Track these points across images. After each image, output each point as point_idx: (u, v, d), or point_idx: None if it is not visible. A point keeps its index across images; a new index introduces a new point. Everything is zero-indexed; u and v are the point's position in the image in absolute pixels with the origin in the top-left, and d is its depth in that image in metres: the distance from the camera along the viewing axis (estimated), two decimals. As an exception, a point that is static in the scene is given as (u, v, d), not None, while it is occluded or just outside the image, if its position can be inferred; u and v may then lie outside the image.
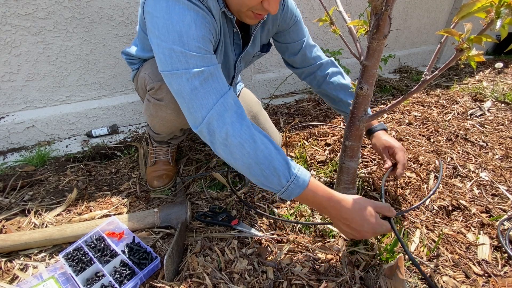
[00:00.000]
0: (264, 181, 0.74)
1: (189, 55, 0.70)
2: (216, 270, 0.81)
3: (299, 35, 1.11)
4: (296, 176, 0.73)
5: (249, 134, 0.72)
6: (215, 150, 0.76)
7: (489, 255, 0.90)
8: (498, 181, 1.24)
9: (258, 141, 0.73)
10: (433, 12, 2.98)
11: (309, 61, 1.16)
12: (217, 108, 0.72)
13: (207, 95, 0.72)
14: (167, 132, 1.13)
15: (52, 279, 0.80)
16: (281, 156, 0.74)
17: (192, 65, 0.71)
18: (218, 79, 0.74)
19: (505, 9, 0.50)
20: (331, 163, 1.30)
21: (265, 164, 0.72)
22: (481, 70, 2.96)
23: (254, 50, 1.06)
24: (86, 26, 1.45)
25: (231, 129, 0.71)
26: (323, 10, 0.88)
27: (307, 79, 1.21)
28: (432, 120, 1.77)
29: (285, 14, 1.02)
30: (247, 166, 0.73)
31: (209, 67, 0.72)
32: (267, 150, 0.73)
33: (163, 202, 1.12)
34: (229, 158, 0.74)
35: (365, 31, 0.81)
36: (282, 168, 0.73)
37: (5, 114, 1.46)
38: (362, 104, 0.83)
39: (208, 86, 0.72)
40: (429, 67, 0.69)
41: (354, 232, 0.76)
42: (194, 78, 0.71)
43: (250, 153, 0.72)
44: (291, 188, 0.73)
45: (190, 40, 0.70)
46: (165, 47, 0.71)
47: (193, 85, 0.71)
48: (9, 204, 1.08)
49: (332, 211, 0.76)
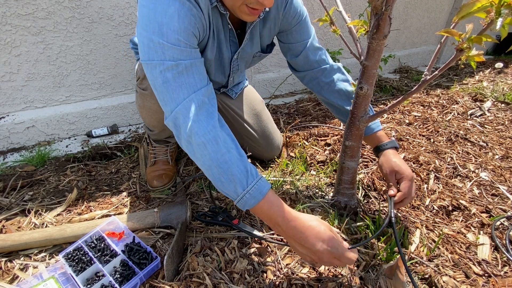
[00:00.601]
0: (221, 186, 0.72)
1: (166, 47, 0.69)
2: (216, 270, 0.81)
3: (302, 36, 1.04)
4: (253, 186, 0.70)
5: (213, 135, 0.70)
6: (180, 145, 0.76)
7: (489, 255, 0.90)
8: (498, 181, 1.24)
9: (221, 144, 0.71)
10: (433, 12, 2.98)
11: (311, 65, 1.07)
12: (186, 104, 0.71)
13: (178, 89, 0.71)
14: (157, 125, 1.12)
15: (52, 279, 0.80)
16: (242, 163, 0.71)
17: (168, 57, 0.70)
18: (194, 74, 0.73)
19: (505, 9, 0.50)
20: (331, 163, 1.30)
21: (223, 169, 0.70)
22: (481, 70, 2.96)
23: (252, 49, 1.03)
24: (86, 26, 1.45)
25: (195, 127, 0.70)
26: (323, 10, 0.88)
27: (310, 85, 1.12)
28: (432, 120, 1.77)
29: (287, 13, 0.97)
30: (207, 167, 0.72)
31: (186, 61, 0.71)
32: (228, 154, 0.71)
33: (163, 202, 1.12)
34: (192, 156, 0.74)
35: (365, 31, 0.81)
36: (240, 176, 0.70)
37: (5, 114, 1.46)
38: (362, 104, 0.83)
39: (181, 80, 0.71)
40: (429, 67, 0.69)
41: (310, 253, 0.69)
42: (168, 70, 0.70)
43: (211, 155, 0.70)
44: (246, 198, 0.70)
45: (170, 32, 0.69)
46: (145, 36, 0.70)
47: (165, 77, 0.71)
48: (9, 204, 1.09)
49: (285, 228, 0.70)
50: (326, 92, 1.08)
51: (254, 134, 1.28)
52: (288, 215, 0.70)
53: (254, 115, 1.30)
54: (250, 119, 1.29)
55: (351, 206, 1.00)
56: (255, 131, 1.28)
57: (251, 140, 1.29)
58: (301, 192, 1.12)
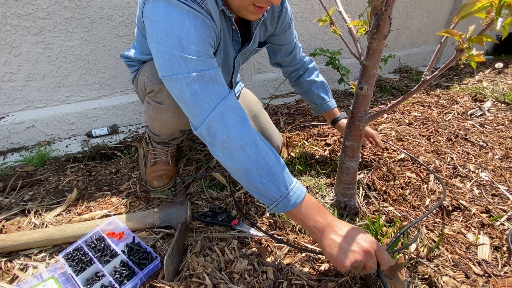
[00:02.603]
0: (261, 188, 0.71)
1: (188, 59, 0.70)
2: (216, 270, 0.81)
3: (292, 37, 1.18)
4: (295, 185, 0.72)
5: (251, 138, 0.71)
6: (213, 152, 0.75)
7: (489, 255, 0.90)
8: (498, 181, 1.24)
9: (260, 146, 0.72)
10: (433, 12, 2.98)
11: (296, 60, 1.26)
12: (219, 110, 0.71)
13: (207, 99, 0.71)
14: (167, 134, 1.13)
15: (52, 279, 0.80)
16: (281, 165, 0.73)
17: (192, 69, 0.70)
18: (218, 82, 0.74)
19: (505, 9, 0.50)
20: (331, 162, 1.30)
21: (265, 170, 0.70)
22: (481, 70, 2.96)
23: (253, 46, 1.07)
24: (86, 26, 1.45)
25: (233, 131, 0.70)
26: (323, 10, 0.88)
27: (291, 75, 1.32)
28: (432, 120, 1.77)
29: (284, 18, 1.06)
30: (245, 170, 0.71)
31: (209, 71, 0.72)
32: (268, 156, 0.72)
33: (163, 202, 1.12)
34: (228, 161, 0.73)
35: (365, 31, 0.81)
36: (282, 175, 0.71)
37: (5, 114, 1.46)
38: (362, 104, 0.83)
39: (209, 90, 0.72)
40: (429, 67, 0.69)
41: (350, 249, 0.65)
42: (194, 82, 0.70)
43: (251, 157, 0.70)
44: (289, 196, 0.70)
45: (190, 44, 0.69)
46: (164, 51, 0.70)
47: (193, 89, 0.71)
48: (9, 204, 1.08)
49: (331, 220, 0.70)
50: (300, 78, 1.29)
51: None
52: (325, 209, 0.73)
53: (252, 116, 1.31)
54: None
55: (351, 206, 1.00)
56: None
57: None
58: (301, 192, 1.12)
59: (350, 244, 0.66)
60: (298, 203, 0.71)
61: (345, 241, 0.67)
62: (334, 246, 0.67)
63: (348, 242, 0.66)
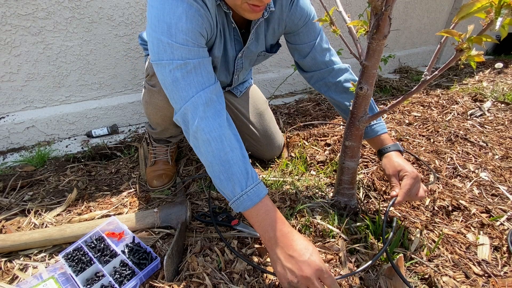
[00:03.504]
0: (219, 184, 0.74)
1: (175, 47, 0.71)
2: (216, 270, 0.81)
3: (310, 37, 1.02)
4: (251, 189, 0.71)
5: (218, 133, 0.73)
6: (188, 139, 0.78)
7: (489, 255, 0.90)
8: (498, 181, 1.24)
9: (225, 142, 0.73)
10: (433, 12, 2.98)
11: (319, 65, 1.05)
12: (194, 100, 0.73)
13: (187, 87, 0.73)
14: (160, 123, 1.12)
15: (52, 279, 0.80)
16: (244, 164, 0.73)
17: (177, 56, 0.72)
18: (202, 72, 0.75)
19: (505, 9, 0.50)
20: (331, 163, 1.30)
21: (225, 167, 0.72)
22: (481, 70, 2.96)
23: (257, 48, 1.02)
24: (86, 26, 1.45)
25: (202, 124, 0.72)
26: (323, 10, 0.88)
27: (317, 85, 1.10)
28: (432, 120, 1.77)
29: (293, 14, 0.96)
30: (209, 163, 0.74)
31: (194, 60, 0.73)
32: (231, 153, 0.72)
33: (163, 202, 1.12)
34: (197, 151, 0.76)
35: (365, 31, 0.81)
36: (240, 177, 0.71)
37: (5, 114, 1.46)
38: (362, 104, 0.83)
39: (190, 79, 0.73)
40: (429, 67, 0.69)
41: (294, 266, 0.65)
42: (177, 69, 0.72)
43: (214, 152, 0.72)
44: (242, 199, 0.71)
45: (178, 32, 0.70)
46: (154, 36, 0.72)
47: (175, 76, 0.73)
48: (9, 204, 1.08)
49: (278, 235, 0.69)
50: (334, 92, 1.07)
51: (256, 133, 1.29)
52: (283, 221, 0.71)
53: (257, 114, 1.31)
54: (253, 118, 1.30)
55: (351, 206, 1.00)
56: (257, 130, 1.29)
57: (252, 139, 1.30)
58: (301, 192, 1.12)
59: (292, 266, 0.65)
60: (248, 208, 0.71)
61: (289, 261, 0.66)
62: (277, 262, 0.68)
63: (291, 263, 0.66)
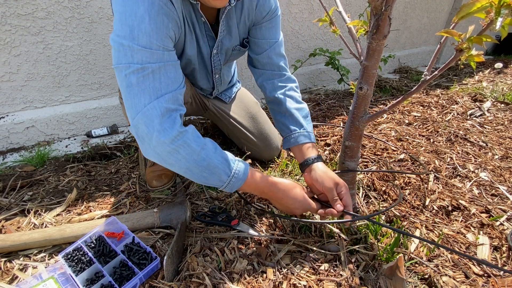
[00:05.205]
0: (205, 181, 0.77)
1: (136, 50, 0.66)
2: (216, 270, 0.81)
3: (271, 35, 1.00)
4: (235, 170, 0.77)
5: (182, 139, 0.70)
6: (146, 155, 0.73)
7: (488, 255, 0.90)
8: (497, 181, 1.24)
9: (192, 144, 0.71)
10: (433, 12, 2.98)
11: (272, 67, 1.05)
12: (147, 111, 0.67)
13: (139, 94, 0.68)
14: None
15: (51, 279, 0.79)
16: (219, 154, 0.76)
17: (136, 60, 0.67)
18: (160, 78, 0.69)
19: (505, 9, 0.50)
20: (331, 163, 1.30)
21: (204, 166, 0.73)
22: (481, 70, 2.96)
23: (231, 42, 0.99)
24: (86, 26, 1.45)
25: (162, 137, 0.67)
26: (323, 10, 0.87)
27: (265, 83, 1.08)
28: (431, 120, 1.77)
29: (263, 6, 0.94)
30: (185, 169, 0.73)
31: (155, 64, 0.68)
32: (204, 151, 0.73)
33: (163, 202, 1.12)
34: (163, 164, 0.73)
35: (365, 31, 0.81)
36: (222, 166, 0.75)
37: (4, 114, 1.45)
38: (361, 104, 0.83)
39: (145, 85, 0.68)
40: (429, 67, 0.69)
41: (286, 209, 0.87)
42: (133, 74, 0.67)
43: (186, 158, 0.71)
44: (232, 182, 0.77)
45: (141, 34, 0.66)
46: (116, 41, 0.68)
47: (129, 81, 0.67)
48: (9, 204, 1.08)
49: (270, 194, 0.85)
50: (278, 92, 1.04)
51: (251, 136, 1.28)
52: (271, 181, 0.84)
53: (250, 117, 1.30)
54: (246, 122, 1.29)
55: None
56: (252, 134, 1.28)
57: (249, 143, 1.29)
58: (301, 192, 1.12)
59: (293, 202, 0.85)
60: (240, 185, 0.79)
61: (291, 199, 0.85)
62: (282, 204, 0.86)
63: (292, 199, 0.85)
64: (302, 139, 0.96)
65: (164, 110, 0.69)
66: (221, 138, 1.55)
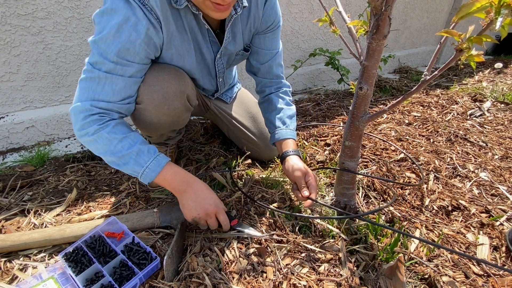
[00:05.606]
0: (120, 168, 0.83)
1: (94, 54, 0.77)
2: (216, 270, 0.81)
3: (273, 45, 1.07)
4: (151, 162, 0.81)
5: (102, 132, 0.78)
6: None
7: (488, 255, 0.90)
8: (497, 181, 1.24)
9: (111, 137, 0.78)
10: (433, 12, 2.98)
11: (272, 76, 1.13)
12: (82, 105, 0.77)
13: (83, 90, 0.79)
14: (154, 134, 1.08)
15: (51, 279, 0.79)
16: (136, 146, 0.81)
17: (92, 61, 0.78)
18: (105, 85, 0.78)
19: (505, 9, 0.50)
20: (331, 163, 1.30)
21: (118, 156, 0.80)
22: (481, 71, 2.96)
23: (235, 47, 1.01)
24: (86, 26, 1.44)
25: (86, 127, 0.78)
26: (323, 10, 0.87)
27: (262, 89, 1.17)
28: (431, 120, 1.77)
29: (267, 11, 0.97)
30: (102, 155, 0.82)
31: (102, 73, 0.77)
32: (120, 144, 0.79)
33: (162, 202, 1.12)
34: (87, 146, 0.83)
35: (365, 31, 0.81)
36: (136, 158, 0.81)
37: (4, 114, 1.45)
38: (361, 104, 0.83)
39: (88, 84, 0.78)
40: (428, 67, 0.69)
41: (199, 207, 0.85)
42: (86, 71, 0.78)
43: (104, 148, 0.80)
44: (146, 173, 0.81)
45: (102, 43, 0.75)
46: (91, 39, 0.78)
47: (82, 75, 0.79)
48: (9, 204, 1.08)
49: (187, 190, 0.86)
50: (272, 95, 1.14)
51: (252, 136, 1.28)
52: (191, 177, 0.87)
53: (250, 117, 1.30)
54: (246, 122, 1.30)
55: (351, 206, 1.00)
56: (253, 134, 1.29)
57: (249, 143, 1.29)
58: (301, 192, 1.12)
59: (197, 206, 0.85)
60: (154, 177, 0.82)
61: (195, 202, 0.85)
62: (185, 204, 0.86)
63: (196, 203, 0.85)
64: (284, 135, 1.07)
65: (92, 114, 0.78)
66: (221, 138, 1.55)
